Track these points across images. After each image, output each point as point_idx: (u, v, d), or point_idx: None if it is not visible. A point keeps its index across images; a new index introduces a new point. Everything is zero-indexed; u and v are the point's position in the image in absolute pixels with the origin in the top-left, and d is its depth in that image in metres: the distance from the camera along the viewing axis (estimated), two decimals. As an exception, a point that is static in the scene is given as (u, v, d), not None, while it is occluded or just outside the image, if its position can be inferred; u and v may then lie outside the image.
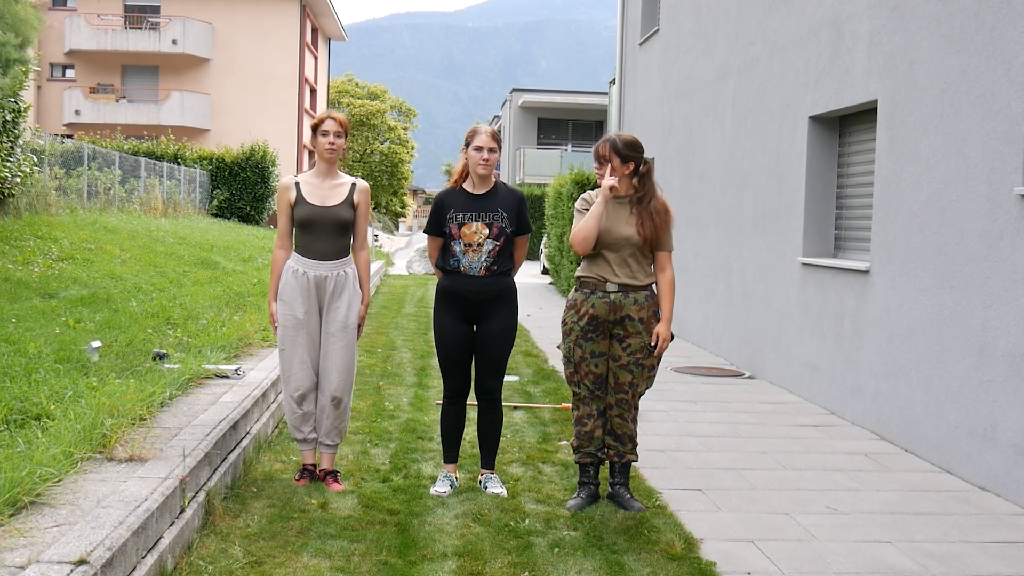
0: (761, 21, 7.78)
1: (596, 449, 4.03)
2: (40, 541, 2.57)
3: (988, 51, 4.65)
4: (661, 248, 3.95)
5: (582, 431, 4.02)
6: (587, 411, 4.01)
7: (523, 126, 34.39)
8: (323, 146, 3.98)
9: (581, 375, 3.98)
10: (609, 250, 3.90)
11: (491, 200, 3.98)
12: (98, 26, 31.55)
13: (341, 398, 4.04)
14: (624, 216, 3.90)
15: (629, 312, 3.90)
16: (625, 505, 3.93)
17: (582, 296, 3.96)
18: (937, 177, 5.07)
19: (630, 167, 3.90)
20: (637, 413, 4.03)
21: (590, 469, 4.05)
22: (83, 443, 3.38)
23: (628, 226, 3.88)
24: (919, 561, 3.47)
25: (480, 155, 3.91)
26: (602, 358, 3.96)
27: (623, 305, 3.89)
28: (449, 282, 4.01)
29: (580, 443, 4.03)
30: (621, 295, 3.90)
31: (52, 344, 5.15)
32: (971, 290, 4.71)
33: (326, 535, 3.43)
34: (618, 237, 3.88)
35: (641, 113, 12.16)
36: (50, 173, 13.23)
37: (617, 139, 3.91)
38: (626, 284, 3.89)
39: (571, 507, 3.91)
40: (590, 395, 3.99)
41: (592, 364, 3.95)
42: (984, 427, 4.57)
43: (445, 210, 3.99)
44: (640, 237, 3.87)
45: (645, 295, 3.93)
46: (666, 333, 3.90)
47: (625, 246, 3.89)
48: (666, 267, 3.96)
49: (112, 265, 8.99)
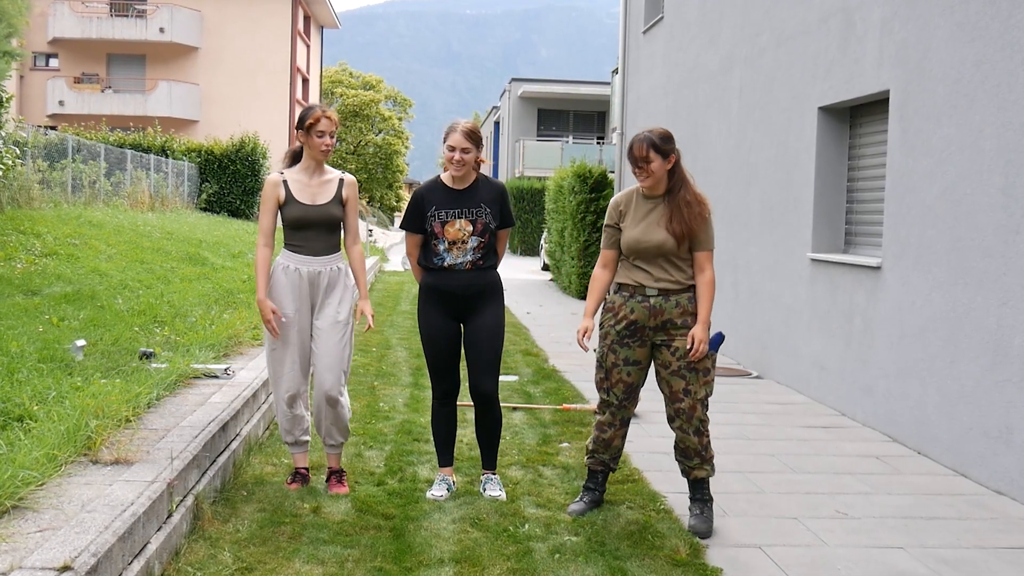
0: (768, 9, 7.67)
1: (610, 458, 3.87)
2: (23, 547, 2.52)
3: (1004, 39, 4.55)
4: (698, 247, 3.66)
5: (600, 437, 3.83)
6: (610, 419, 3.81)
7: (523, 117, 34.24)
8: (318, 146, 3.88)
9: (611, 382, 3.76)
10: (642, 259, 3.68)
11: (473, 196, 3.88)
12: (83, 13, 31.35)
13: (337, 397, 3.94)
14: (655, 219, 3.66)
15: (671, 316, 3.65)
16: (691, 524, 3.69)
17: (621, 299, 3.72)
18: (951, 170, 4.97)
19: (671, 161, 3.65)
20: (705, 426, 3.71)
21: (598, 475, 3.90)
22: (67, 445, 3.33)
23: (659, 230, 3.63)
24: (932, 567, 3.42)
25: (452, 155, 3.80)
26: (636, 367, 3.73)
27: (664, 309, 3.65)
28: (434, 279, 3.92)
29: (595, 448, 3.85)
30: (662, 299, 3.65)
31: (35, 343, 5.07)
32: (986, 287, 4.62)
33: (319, 540, 3.38)
34: (649, 245, 3.64)
35: (644, 104, 12.05)
36: (33, 166, 13.08)
37: (651, 135, 3.64)
38: (666, 289, 3.65)
39: (572, 511, 3.79)
40: (617, 404, 3.78)
41: (624, 372, 3.73)
42: (999, 429, 4.48)
43: (425, 207, 3.89)
44: (673, 239, 3.62)
45: (688, 297, 3.68)
46: (702, 335, 3.62)
47: (658, 253, 3.65)
48: (705, 267, 3.67)
49: (97, 261, 8.88)
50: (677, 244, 3.62)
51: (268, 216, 3.92)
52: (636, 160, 3.64)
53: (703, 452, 3.73)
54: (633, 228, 3.68)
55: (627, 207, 3.76)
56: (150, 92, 31.06)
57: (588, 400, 6.19)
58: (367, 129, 48.08)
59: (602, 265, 3.85)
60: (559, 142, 32.12)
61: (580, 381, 6.90)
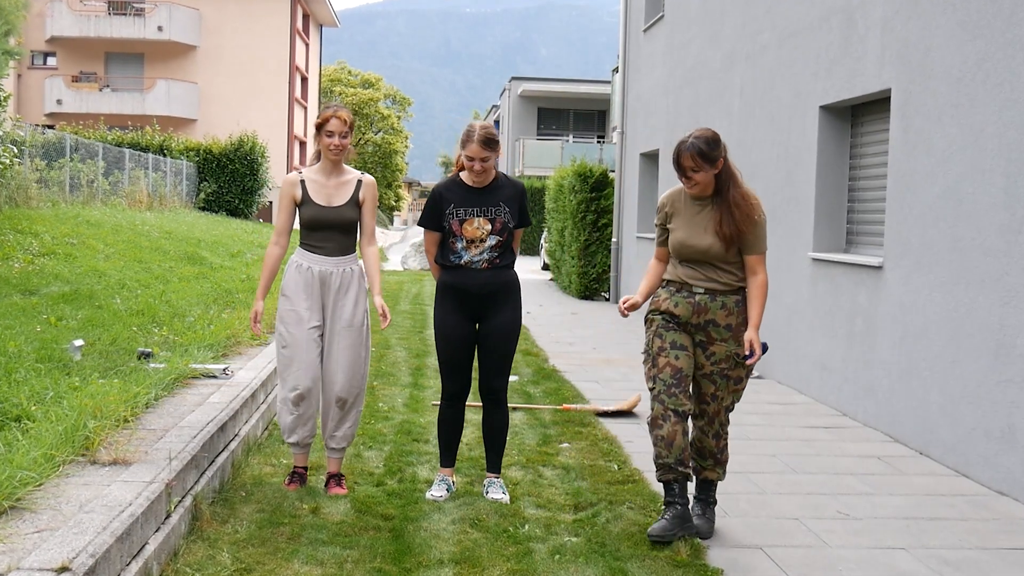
0: (770, 7, 7.65)
1: (675, 461, 3.48)
2: (20, 547, 2.51)
3: (1006, 37, 4.53)
4: (748, 250, 3.47)
5: (659, 436, 3.48)
6: (661, 411, 3.47)
7: (522, 116, 34.20)
8: (327, 146, 3.86)
9: (659, 367, 3.50)
10: (689, 263, 3.53)
11: (492, 194, 3.86)
12: (81, 12, 31.27)
13: (347, 399, 3.91)
14: (703, 222, 3.50)
15: (715, 317, 3.49)
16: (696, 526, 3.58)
17: (667, 294, 3.58)
18: (953, 169, 4.95)
19: (718, 166, 3.46)
20: (725, 429, 3.65)
21: (674, 486, 3.53)
22: (65, 445, 3.31)
23: (707, 234, 3.47)
24: (934, 568, 3.40)
25: (472, 164, 3.77)
26: (684, 352, 3.50)
27: (708, 308, 3.49)
28: (451, 277, 3.89)
29: (658, 453, 3.51)
30: (708, 297, 3.50)
31: (33, 343, 5.06)
32: (988, 286, 4.60)
33: (318, 541, 3.36)
34: (696, 250, 3.49)
35: (645, 103, 12.03)
36: (31, 165, 13.07)
37: (698, 142, 3.43)
38: (713, 289, 3.50)
39: (651, 533, 3.46)
40: (666, 391, 3.46)
41: (672, 355, 3.49)
42: (1002, 429, 4.46)
43: (444, 204, 3.86)
44: (721, 243, 3.44)
45: (736, 300, 3.51)
46: (757, 340, 3.44)
47: (705, 258, 3.49)
48: (758, 270, 3.49)
49: (95, 260, 8.87)
50: (725, 248, 3.46)
51: (283, 215, 3.93)
52: (684, 170, 3.47)
53: (718, 455, 3.69)
54: (680, 230, 3.54)
55: (673, 208, 3.62)
56: (148, 91, 30.99)
57: (588, 400, 6.18)
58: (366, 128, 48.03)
59: (656, 258, 3.75)
60: (559, 141, 32.08)
61: (580, 381, 6.89)
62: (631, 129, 12.84)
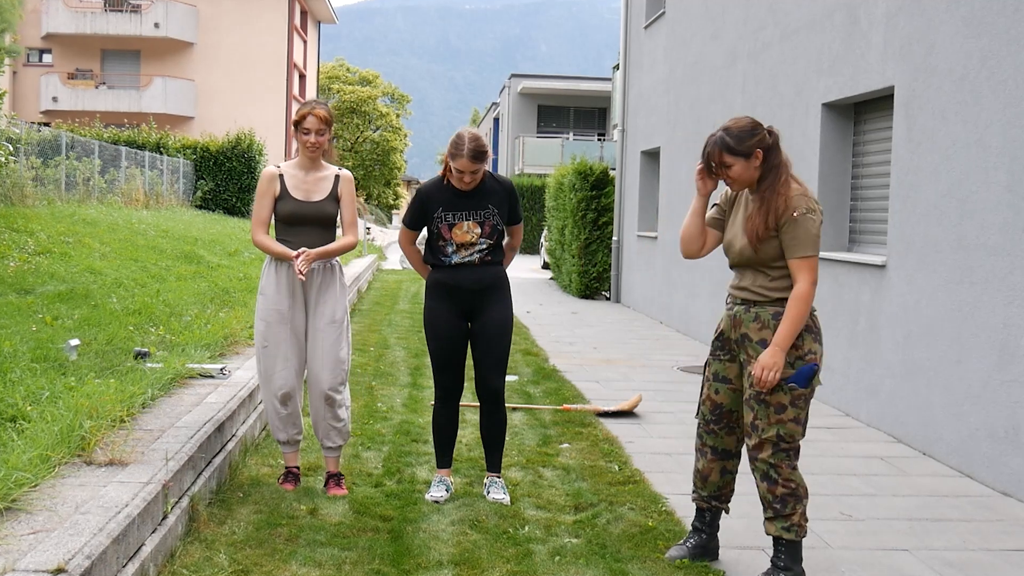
0: (772, 3, 7.62)
1: (709, 495, 3.35)
2: (16, 549, 2.49)
3: (1011, 34, 4.50)
4: (787, 253, 3.05)
5: (696, 469, 3.37)
6: (699, 444, 3.35)
7: (522, 113, 34.16)
8: (304, 143, 3.86)
9: (702, 397, 3.33)
10: (735, 267, 3.25)
11: (480, 197, 3.81)
12: (76, 8, 31.20)
13: (334, 397, 3.89)
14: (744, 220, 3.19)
15: (747, 331, 3.13)
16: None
17: (725, 307, 3.33)
18: (957, 167, 4.92)
19: (759, 156, 3.09)
20: (779, 472, 3.09)
21: (704, 514, 3.39)
22: (61, 446, 3.29)
23: (743, 235, 3.15)
24: (938, 570, 3.39)
25: (462, 177, 3.73)
26: (726, 385, 3.25)
27: (742, 321, 3.15)
28: (442, 275, 3.88)
29: (694, 479, 3.40)
30: (742, 309, 3.16)
31: (28, 342, 5.03)
32: (992, 285, 4.57)
33: (316, 543, 3.35)
34: (733, 251, 3.21)
35: (646, 100, 11.99)
36: (26, 163, 13.01)
37: (725, 136, 3.10)
38: (747, 299, 3.15)
39: (669, 556, 3.34)
40: (705, 427, 3.31)
41: (712, 389, 3.28)
42: (1006, 429, 4.43)
43: (431, 208, 3.83)
44: (749, 242, 3.09)
45: (774, 312, 3.08)
46: (770, 362, 3.00)
47: (740, 261, 3.18)
48: (797, 277, 3.03)
49: (91, 259, 8.83)
50: (753, 249, 3.09)
51: (265, 207, 3.88)
52: (714, 166, 3.15)
53: (775, 504, 3.11)
54: (728, 230, 3.27)
55: (728, 203, 3.31)
56: (145, 88, 30.92)
57: (588, 400, 6.15)
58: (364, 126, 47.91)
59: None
60: (559, 139, 32.05)
61: (580, 381, 6.86)
62: (632, 127, 12.80)
